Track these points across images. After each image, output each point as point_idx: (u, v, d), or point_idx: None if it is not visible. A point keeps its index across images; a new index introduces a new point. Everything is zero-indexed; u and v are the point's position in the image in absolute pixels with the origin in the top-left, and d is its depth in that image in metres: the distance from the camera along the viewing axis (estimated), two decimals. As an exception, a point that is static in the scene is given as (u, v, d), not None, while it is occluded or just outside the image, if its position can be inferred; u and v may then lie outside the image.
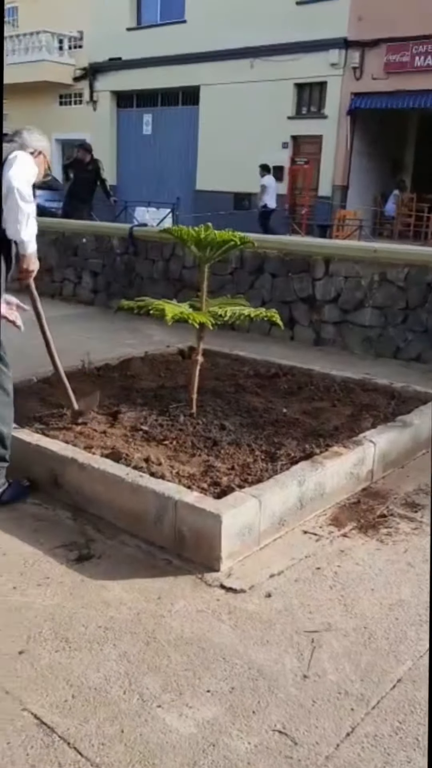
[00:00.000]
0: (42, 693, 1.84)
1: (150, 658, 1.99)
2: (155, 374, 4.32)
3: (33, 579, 2.36)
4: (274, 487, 2.70)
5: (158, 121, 20.87)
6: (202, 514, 2.46)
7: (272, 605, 2.26)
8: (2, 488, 2.90)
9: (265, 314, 3.50)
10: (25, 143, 3.09)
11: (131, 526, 2.70)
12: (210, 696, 1.85)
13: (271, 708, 1.82)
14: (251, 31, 16.85)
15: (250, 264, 6.85)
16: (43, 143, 3.20)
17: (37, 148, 3.12)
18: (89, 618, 2.16)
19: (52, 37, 21.59)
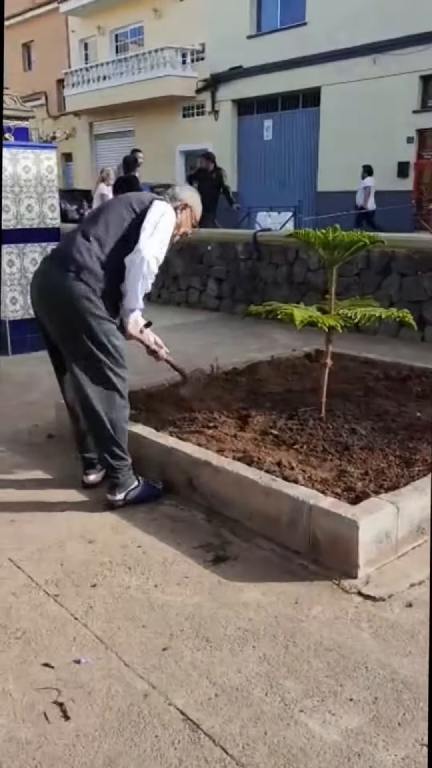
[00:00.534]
0: (186, 689, 1.89)
1: (290, 662, 1.99)
2: (282, 378, 4.32)
3: (173, 578, 2.44)
4: (413, 494, 2.62)
5: (278, 126, 20.89)
6: (338, 519, 2.44)
7: (414, 615, 2.19)
8: (131, 487, 2.99)
9: (397, 315, 3.40)
10: (175, 196, 3.12)
11: (265, 529, 2.72)
12: (353, 704, 1.82)
13: (417, 721, 1.76)
14: (374, 27, 16.48)
15: (377, 264, 6.70)
16: (193, 198, 3.20)
17: (184, 200, 3.13)
18: (228, 619, 2.20)
19: (175, 52, 22.23)
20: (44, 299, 2.93)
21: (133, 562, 2.55)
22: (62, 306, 2.82)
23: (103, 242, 2.84)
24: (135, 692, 1.88)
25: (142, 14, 24.16)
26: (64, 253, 2.87)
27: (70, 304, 2.78)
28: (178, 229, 3.09)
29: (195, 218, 3.22)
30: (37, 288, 2.98)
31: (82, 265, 2.79)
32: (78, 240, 2.86)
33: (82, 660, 2.01)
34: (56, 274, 2.84)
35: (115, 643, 2.09)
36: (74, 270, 2.78)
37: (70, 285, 2.77)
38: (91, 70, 25.54)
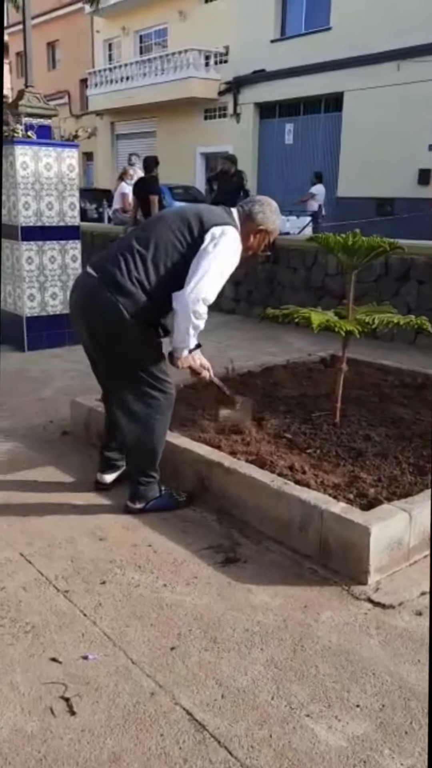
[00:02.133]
0: (193, 690, 1.89)
1: (297, 666, 1.99)
2: (297, 382, 4.31)
3: (182, 578, 2.44)
4: (425, 501, 2.60)
5: (300, 130, 20.86)
6: (350, 525, 2.43)
7: (423, 624, 2.18)
8: (152, 498, 2.92)
9: (415, 322, 3.39)
10: (251, 216, 2.80)
11: (275, 533, 2.71)
12: (359, 711, 1.81)
13: (425, 730, 1.75)
14: (398, 33, 16.43)
15: (396, 270, 6.67)
16: (274, 222, 2.86)
17: (263, 225, 2.82)
18: (236, 620, 2.19)
19: (199, 54, 22.28)
20: (82, 315, 2.77)
21: (143, 560, 2.56)
22: (101, 325, 2.69)
23: (147, 266, 2.63)
24: (141, 690, 1.89)
25: (166, 16, 24.23)
26: (106, 270, 2.67)
27: (109, 325, 2.65)
28: (245, 252, 2.84)
29: (270, 239, 2.94)
30: (76, 302, 2.83)
31: (124, 289, 2.60)
32: (122, 258, 2.65)
33: (90, 656, 2.02)
34: (97, 292, 2.66)
35: (123, 641, 2.09)
36: (115, 291, 2.61)
37: (109, 306, 2.61)
38: (115, 70, 25.66)
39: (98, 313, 2.67)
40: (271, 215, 2.86)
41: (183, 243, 2.65)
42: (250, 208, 2.82)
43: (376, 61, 17.36)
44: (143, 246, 2.65)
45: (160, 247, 2.64)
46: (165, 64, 23.09)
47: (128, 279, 2.61)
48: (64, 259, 6.05)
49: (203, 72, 22.41)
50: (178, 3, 23.38)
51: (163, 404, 2.80)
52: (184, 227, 2.66)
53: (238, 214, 2.82)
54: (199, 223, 2.66)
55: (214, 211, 2.79)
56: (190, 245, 2.64)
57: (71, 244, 6.07)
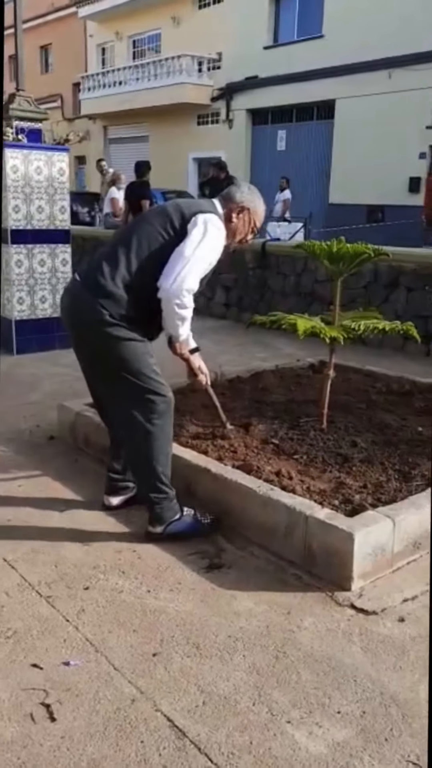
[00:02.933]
0: (174, 696, 1.89)
1: (279, 672, 1.98)
2: (286, 388, 4.32)
3: (166, 583, 2.43)
4: (410, 508, 2.61)
5: (292, 137, 20.95)
6: (334, 531, 2.43)
7: (406, 630, 2.18)
8: (173, 519, 2.73)
9: (401, 327, 3.40)
10: (230, 197, 2.75)
11: (261, 538, 2.71)
12: (340, 717, 1.81)
13: (405, 737, 1.75)
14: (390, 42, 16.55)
15: (385, 277, 6.70)
16: (252, 198, 2.79)
17: (240, 203, 2.75)
18: (219, 626, 2.19)
19: (192, 60, 22.36)
20: (69, 321, 2.76)
21: (127, 566, 2.55)
22: (85, 330, 2.66)
23: (130, 264, 2.59)
24: (122, 696, 1.88)
25: (160, 21, 24.31)
26: (89, 274, 2.66)
27: (92, 329, 2.61)
28: (233, 237, 2.79)
29: (255, 222, 2.83)
30: (63, 309, 2.83)
31: (104, 290, 2.57)
32: (105, 260, 2.63)
33: (72, 662, 2.01)
34: (79, 296, 2.66)
35: (105, 647, 2.08)
36: (95, 294, 2.58)
37: (90, 309, 2.57)
38: (108, 74, 25.70)
39: (81, 316, 2.65)
40: (250, 195, 2.80)
41: (166, 235, 2.60)
42: (228, 190, 2.80)
43: (367, 69, 17.48)
44: (125, 245, 2.62)
45: (143, 243, 2.61)
46: (158, 69, 23.16)
47: (110, 279, 2.57)
48: (53, 263, 6.04)
49: (196, 78, 22.50)
50: (171, 9, 23.46)
51: (160, 407, 2.67)
52: (166, 221, 2.62)
53: (219, 201, 2.78)
54: (180, 214, 2.63)
55: (195, 201, 2.80)
56: (173, 237, 2.59)
57: (61, 248, 6.07)
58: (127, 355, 2.62)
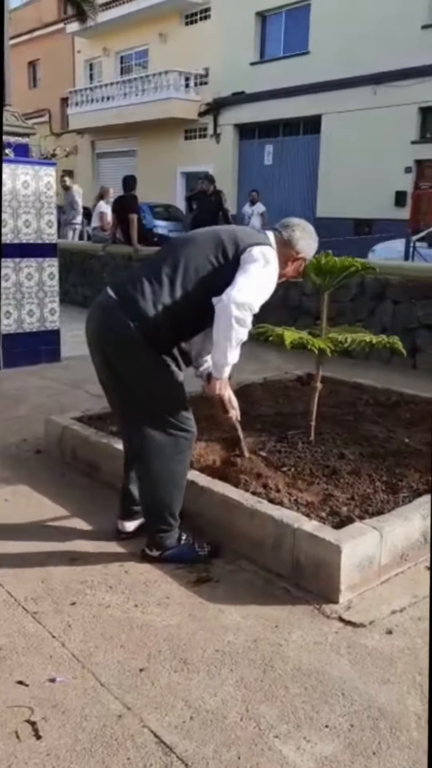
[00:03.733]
0: (161, 712, 1.87)
1: (267, 687, 1.97)
2: (274, 400, 4.33)
3: (154, 598, 2.42)
4: (397, 520, 2.62)
5: (279, 151, 21.15)
6: (322, 543, 2.43)
7: (393, 643, 2.18)
8: (170, 548, 2.66)
9: (387, 341, 3.42)
10: (291, 242, 2.62)
11: (249, 552, 2.71)
12: (328, 731, 1.81)
13: (393, 750, 1.75)
14: (375, 58, 16.78)
15: (371, 290, 6.75)
16: (311, 250, 2.71)
17: (301, 251, 2.66)
18: (207, 641, 2.18)
19: (179, 75, 22.56)
20: (97, 338, 2.55)
21: (114, 581, 2.53)
22: (115, 351, 2.48)
23: (175, 290, 2.41)
24: (109, 713, 1.86)
25: (147, 38, 24.54)
26: (126, 293, 2.46)
27: (123, 351, 2.45)
28: (279, 278, 2.64)
29: (301, 269, 2.77)
30: (91, 324, 2.58)
31: (142, 312, 2.40)
32: (146, 281, 2.44)
33: (58, 679, 1.99)
34: (113, 314, 2.45)
35: (92, 663, 2.07)
36: (132, 315, 2.40)
37: (124, 330, 2.40)
38: (96, 90, 25.87)
39: (113, 336, 2.46)
40: (310, 242, 2.70)
41: (216, 264, 2.43)
42: (290, 234, 2.63)
43: (352, 85, 17.71)
44: (171, 268, 2.44)
45: (190, 269, 2.43)
46: (146, 84, 23.35)
47: (151, 303, 2.39)
48: (41, 277, 6.04)
49: (183, 93, 22.70)
50: (159, 25, 23.69)
51: (184, 443, 2.56)
52: (218, 249, 2.45)
53: (275, 239, 2.61)
54: (235, 244, 2.46)
55: (250, 232, 2.61)
56: (225, 268, 2.42)
57: (48, 262, 6.07)
58: (157, 385, 2.47)
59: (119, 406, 2.70)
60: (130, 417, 2.62)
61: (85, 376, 5.41)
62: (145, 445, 2.56)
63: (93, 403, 4.43)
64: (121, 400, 2.64)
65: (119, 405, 2.69)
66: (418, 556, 2.66)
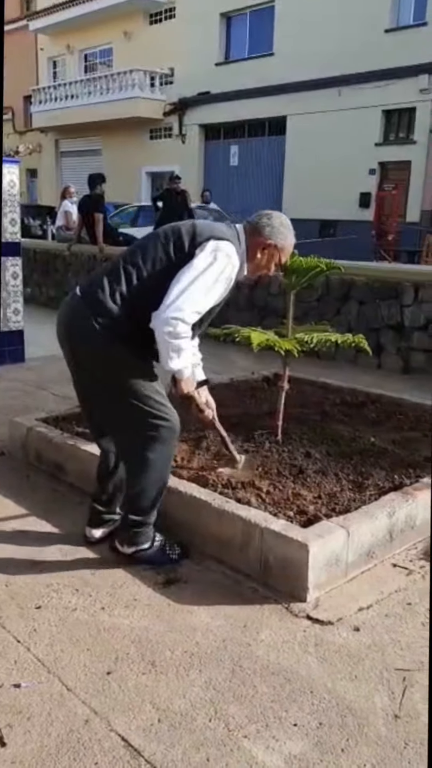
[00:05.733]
0: (129, 715, 1.85)
1: (236, 687, 1.97)
2: (240, 401, 4.33)
3: (121, 600, 2.39)
4: (363, 518, 2.64)
5: (245, 152, 21.23)
6: (289, 542, 2.44)
7: (361, 640, 2.20)
8: (142, 547, 2.61)
9: (353, 340, 3.45)
10: (258, 226, 2.57)
11: (217, 552, 2.70)
12: (297, 730, 1.81)
13: (361, 747, 1.76)
14: (339, 60, 16.96)
15: (337, 291, 6.80)
16: (283, 237, 2.61)
17: (268, 238, 2.57)
18: (175, 642, 2.17)
19: (144, 74, 22.48)
20: (64, 336, 2.55)
21: (81, 583, 2.50)
22: (81, 346, 2.49)
23: (131, 282, 2.42)
24: (76, 718, 1.84)
25: (112, 36, 24.39)
26: (89, 289, 2.49)
27: (89, 346, 2.45)
28: (253, 272, 2.64)
29: (281, 258, 2.67)
30: (59, 323, 2.58)
31: (102, 306, 2.41)
32: (106, 277, 2.47)
33: (23, 684, 1.96)
34: (77, 311, 2.48)
35: (58, 667, 2.04)
36: (93, 310, 2.41)
37: (87, 325, 2.41)
38: (59, 88, 25.62)
39: (78, 332, 2.47)
40: (280, 228, 2.61)
41: (173, 256, 2.42)
42: (257, 221, 2.59)
43: (317, 87, 17.88)
44: (130, 262, 2.46)
45: (147, 261, 2.43)
46: (110, 83, 23.22)
47: (109, 296, 2.41)
48: (4, 277, 5.94)
49: (148, 92, 22.64)
50: (123, 24, 23.58)
51: (163, 433, 2.50)
52: (176, 240, 2.44)
53: (243, 230, 2.59)
54: (192, 236, 2.43)
55: (213, 226, 2.56)
56: (179, 259, 2.40)
57: (11, 261, 5.97)
58: (126, 375, 2.45)
59: (91, 406, 2.66)
60: (105, 415, 2.59)
61: (50, 377, 5.36)
62: (124, 442, 2.55)
63: (58, 404, 4.38)
64: (94, 399, 2.61)
65: (92, 405, 2.65)
66: (384, 554, 2.69)
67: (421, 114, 16.44)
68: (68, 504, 3.16)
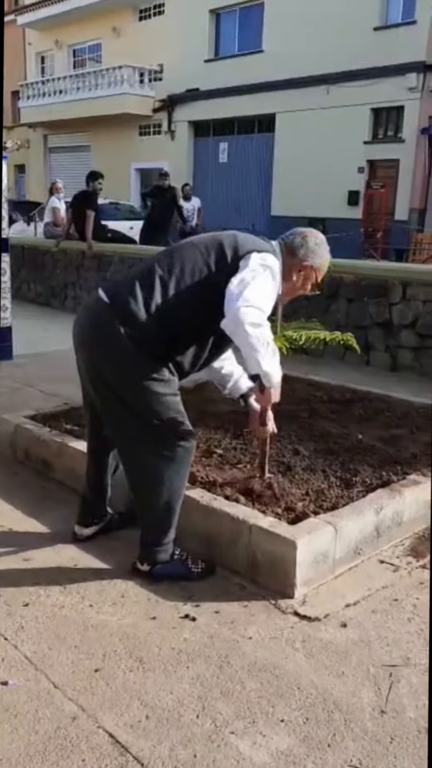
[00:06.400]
0: (117, 712, 1.85)
1: (223, 683, 1.98)
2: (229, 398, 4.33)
3: (109, 597, 2.39)
4: (351, 515, 2.65)
5: (234, 149, 21.20)
6: (277, 539, 2.44)
7: (348, 636, 2.21)
8: (161, 562, 2.51)
9: (341, 338, 3.47)
10: (294, 250, 2.47)
11: (205, 549, 2.70)
12: (284, 726, 1.82)
13: (347, 742, 1.77)
14: (328, 58, 16.97)
15: (326, 289, 6.80)
16: (320, 257, 2.52)
17: (304, 260, 2.48)
18: (163, 639, 2.17)
19: (133, 71, 22.39)
20: (83, 341, 2.43)
21: (68, 581, 2.50)
22: (102, 355, 2.35)
23: (168, 292, 2.29)
24: (63, 715, 1.84)
25: (100, 31, 24.28)
26: (118, 295, 2.34)
27: (111, 356, 2.32)
28: (289, 293, 2.55)
29: (318, 278, 2.58)
30: (78, 326, 2.45)
31: (133, 315, 2.27)
32: (138, 283, 2.32)
33: (10, 682, 1.95)
34: (102, 316, 2.34)
35: (46, 665, 2.03)
36: (122, 318, 2.28)
37: (114, 334, 2.28)
38: (48, 83, 25.48)
39: (100, 340, 2.34)
40: (315, 248, 2.51)
41: (213, 268, 2.30)
42: (291, 240, 2.49)
43: (306, 85, 17.88)
44: (166, 271, 2.31)
45: (186, 271, 2.30)
46: (99, 79, 23.11)
47: (143, 307, 2.27)
48: (-8, 273, 5.91)
49: (137, 89, 22.56)
50: (112, 19, 23.48)
51: (181, 454, 2.39)
52: (217, 252, 2.33)
53: (279, 248, 2.49)
54: (234, 249, 2.33)
55: (253, 238, 2.46)
56: (221, 272, 2.28)
57: (0, 257, 5.94)
58: (148, 391, 2.31)
59: (100, 418, 2.53)
60: (118, 428, 2.45)
61: (39, 374, 5.34)
62: (137, 461, 2.43)
63: (46, 402, 4.37)
64: (107, 412, 2.46)
65: (102, 417, 2.52)
66: (371, 550, 2.70)
67: (410, 112, 16.50)
68: (56, 501, 3.15)
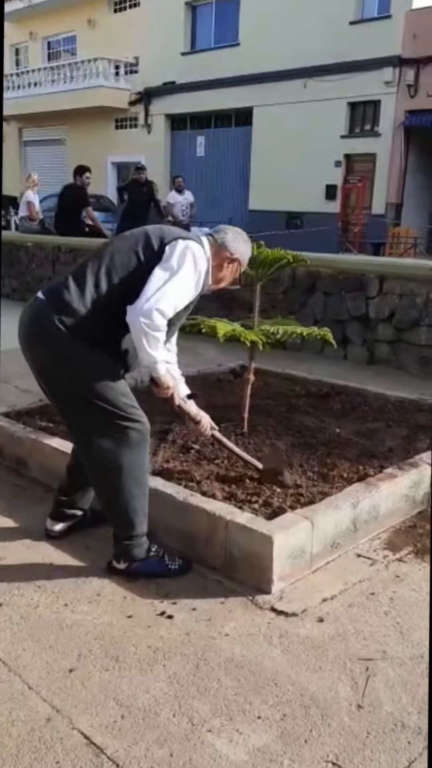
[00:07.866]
0: (92, 712, 1.83)
1: (200, 681, 1.96)
2: (207, 393, 4.31)
3: (84, 596, 2.37)
4: (327, 509, 2.65)
5: (211, 143, 21.13)
6: (254, 535, 2.43)
7: (325, 630, 2.21)
8: (138, 559, 2.50)
9: (318, 333, 3.46)
10: (224, 244, 2.59)
11: (182, 545, 2.69)
12: (261, 722, 1.81)
13: (324, 738, 1.76)
14: (304, 52, 16.96)
15: (303, 283, 6.82)
16: (245, 253, 2.68)
17: (234, 253, 2.61)
18: (139, 637, 2.15)
19: (108, 63, 22.19)
20: (25, 339, 2.48)
21: (43, 580, 2.47)
22: (43, 349, 2.41)
23: (99, 279, 2.39)
24: (37, 716, 1.81)
25: (75, 23, 24.02)
26: (55, 290, 2.44)
27: (51, 348, 2.38)
28: (216, 283, 2.65)
29: (241, 272, 2.74)
30: (21, 325, 2.50)
31: (68, 306, 2.35)
32: (71, 277, 2.44)
33: (-17, 684, 1.92)
34: (40, 312, 2.41)
35: (19, 666, 2.00)
36: (58, 310, 2.36)
37: (50, 325, 2.35)
38: (22, 75, 25.15)
39: (40, 333, 2.40)
40: (243, 245, 2.68)
41: (142, 256, 2.40)
42: (223, 237, 2.61)
43: (283, 78, 17.86)
44: (97, 263, 2.42)
45: (115, 259, 2.41)
46: (74, 71, 22.87)
47: (76, 297, 2.36)
48: (-35, 268, 5.82)
49: (113, 81, 22.36)
50: (86, 11, 23.24)
51: (133, 436, 2.40)
52: (144, 241, 2.44)
53: (208, 243, 2.59)
54: (160, 237, 2.44)
55: (179, 230, 2.59)
56: (148, 259, 2.39)
57: (-27, 252, 5.86)
58: (90, 375, 2.37)
59: (57, 409, 2.61)
60: (69, 418, 2.51)
61: (13, 370, 5.26)
62: (90, 447, 2.44)
63: (21, 398, 4.31)
64: (56, 402, 2.53)
65: (57, 408, 2.60)
66: (348, 544, 2.70)
67: (386, 106, 16.56)
68: (31, 499, 3.12)
